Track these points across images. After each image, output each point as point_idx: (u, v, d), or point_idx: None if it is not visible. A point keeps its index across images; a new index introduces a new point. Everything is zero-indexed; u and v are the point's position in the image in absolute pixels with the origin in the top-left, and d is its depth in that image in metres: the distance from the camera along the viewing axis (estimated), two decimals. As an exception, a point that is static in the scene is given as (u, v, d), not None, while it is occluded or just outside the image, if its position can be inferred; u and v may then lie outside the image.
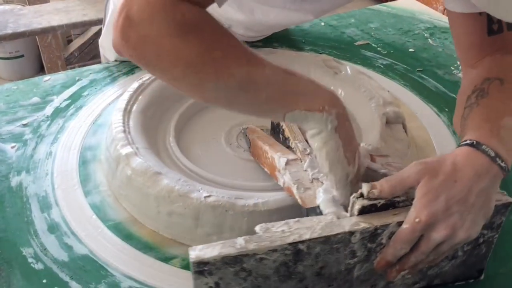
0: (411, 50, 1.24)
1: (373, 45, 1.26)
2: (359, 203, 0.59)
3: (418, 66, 1.18)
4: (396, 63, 1.19)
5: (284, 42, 1.22)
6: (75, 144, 0.91)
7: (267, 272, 0.57)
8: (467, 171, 0.59)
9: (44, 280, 0.69)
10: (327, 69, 0.99)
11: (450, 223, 0.57)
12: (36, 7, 2.07)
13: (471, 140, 0.61)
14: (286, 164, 0.71)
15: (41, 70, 2.49)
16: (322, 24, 1.34)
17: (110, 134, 0.84)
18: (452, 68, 1.17)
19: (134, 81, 0.94)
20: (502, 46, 0.75)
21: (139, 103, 0.89)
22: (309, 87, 0.63)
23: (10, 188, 0.82)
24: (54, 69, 2.20)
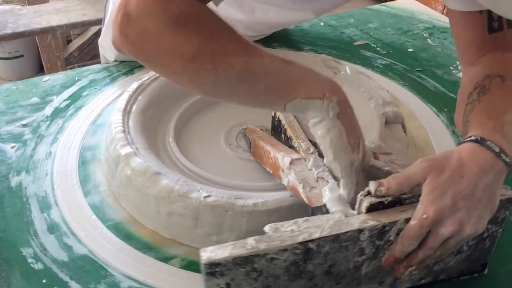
0: (410, 50, 1.24)
1: (372, 45, 1.26)
2: (367, 201, 0.59)
3: (417, 66, 1.18)
4: (395, 63, 1.19)
5: (284, 42, 1.22)
6: (75, 144, 0.91)
7: (277, 272, 0.57)
8: (472, 166, 0.59)
9: (44, 280, 0.69)
10: (327, 69, 0.99)
11: (457, 218, 0.58)
12: (35, 7, 2.07)
13: (475, 136, 0.62)
14: (291, 163, 0.71)
15: (40, 70, 2.49)
16: (322, 24, 1.34)
17: (109, 134, 0.84)
18: (451, 68, 1.17)
19: (134, 81, 0.94)
20: (503, 44, 0.75)
21: (139, 103, 0.89)
22: (308, 76, 0.63)
23: (9, 188, 0.82)
24: (54, 69, 2.20)
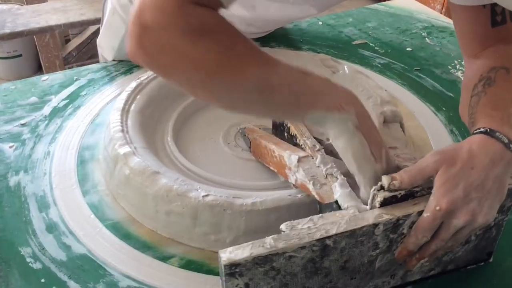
0: (409, 49, 1.25)
1: (370, 44, 1.26)
2: (380, 195, 0.60)
3: (415, 65, 1.18)
4: (394, 62, 1.19)
5: (282, 41, 1.22)
6: (73, 143, 0.91)
7: (295, 270, 0.58)
8: (482, 158, 0.60)
9: (43, 280, 0.69)
10: (325, 68, 0.99)
11: (469, 209, 0.59)
12: (34, 6, 2.07)
13: (484, 128, 0.63)
14: (298, 161, 0.71)
15: (39, 70, 2.49)
16: (320, 23, 1.34)
17: (108, 134, 0.84)
18: (450, 67, 1.17)
19: (132, 80, 0.94)
20: (505, 37, 0.76)
21: (137, 103, 0.89)
22: (326, 87, 0.63)
23: (8, 187, 0.82)
24: (52, 68, 2.20)
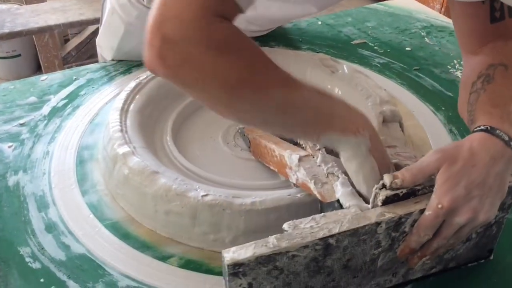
0: (408, 49, 1.25)
1: (370, 44, 1.26)
2: (382, 194, 0.60)
3: (414, 64, 1.18)
4: (393, 61, 1.19)
5: (281, 41, 1.22)
6: (72, 143, 0.91)
7: (298, 269, 0.58)
8: (483, 155, 0.60)
9: (42, 280, 0.69)
10: (324, 68, 0.99)
11: (471, 207, 0.59)
12: (33, 6, 2.07)
13: (485, 126, 0.63)
14: (299, 160, 0.71)
15: (38, 70, 2.49)
16: (319, 23, 1.34)
17: (107, 133, 0.84)
18: (449, 67, 1.17)
19: (131, 80, 0.94)
20: (504, 33, 0.76)
21: (136, 102, 0.89)
22: (342, 109, 0.63)
23: (7, 187, 0.82)
24: (51, 68, 2.20)
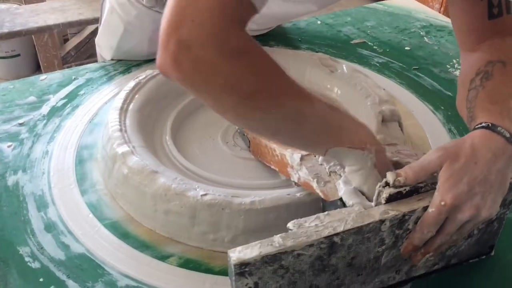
0: (407, 49, 1.25)
1: (369, 43, 1.26)
2: (386, 192, 0.60)
3: (414, 64, 1.18)
4: (392, 61, 1.19)
5: (281, 40, 1.22)
6: (72, 143, 0.91)
7: (303, 268, 0.58)
8: (485, 152, 0.61)
9: (41, 279, 0.69)
10: (323, 67, 0.99)
11: (473, 203, 0.59)
12: (32, 6, 2.07)
13: (486, 123, 0.63)
14: (301, 159, 0.71)
15: (37, 69, 2.49)
16: (319, 22, 1.34)
17: (106, 133, 0.84)
18: (448, 66, 1.17)
19: (131, 80, 0.94)
20: (502, 29, 0.76)
21: (136, 102, 0.89)
22: (350, 123, 0.64)
23: (6, 187, 0.82)
24: (51, 68, 2.19)
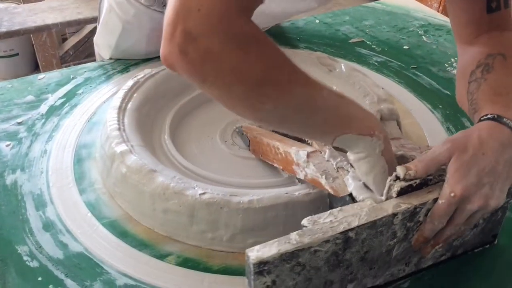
0: (406, 48, 1.25)
1: (367, 42, 1.26)
2: (397, 185, 0.61)
3: (412, 63, 1.18)
4: (391, 60, 1.19)
5: (279, 39, 1.22)
6: (70, 142, 0.91)
7: (319, 264, 0.59)
8: (492, 143, 0.62)
9: (40, 278, 0.69)
10: (322, 66, 0.99)
11: (482, 194, 0.60)
12: (30, 5, 2.07)
13: (492, 114, 0.64)
14: (308, 156, 0.71)
15: (36, 69, 2.49)
16: (317, 21, 1.34)
17: (105, 132, 0.84)
18: (446, 65, 1.18)
19: (129, 79, 0.94)
20: (500, 23, 0.77)
21: (134, 101, 0.89)
22: (359, 111, 0.64)
23: (5, 186, 0.82)
24: (49, 67, 2.19)
